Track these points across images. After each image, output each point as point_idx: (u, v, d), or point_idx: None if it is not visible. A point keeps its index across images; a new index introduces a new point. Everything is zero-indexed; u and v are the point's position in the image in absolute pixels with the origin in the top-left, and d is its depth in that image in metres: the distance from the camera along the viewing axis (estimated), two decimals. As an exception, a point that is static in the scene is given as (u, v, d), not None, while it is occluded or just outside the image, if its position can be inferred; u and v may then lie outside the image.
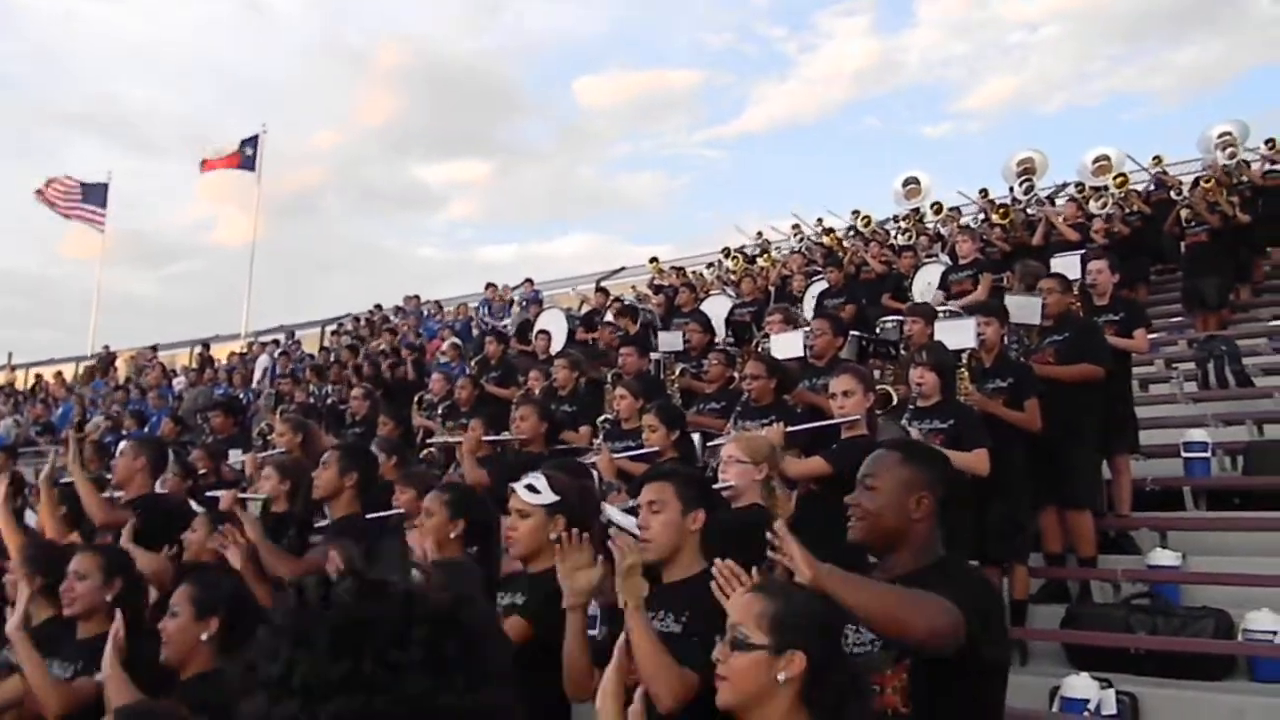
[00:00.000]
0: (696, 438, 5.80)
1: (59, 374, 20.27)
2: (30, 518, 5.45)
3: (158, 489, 5.36)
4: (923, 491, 2.41)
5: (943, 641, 2.15)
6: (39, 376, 21.19)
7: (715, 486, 3.42)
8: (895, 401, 5.75)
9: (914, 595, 2.19)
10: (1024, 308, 6.34)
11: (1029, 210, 12.43)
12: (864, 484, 2.49)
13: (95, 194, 24.40)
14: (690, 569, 2.75)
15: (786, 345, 6.80)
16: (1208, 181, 10.69)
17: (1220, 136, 11.87)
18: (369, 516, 4.32)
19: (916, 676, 2.23)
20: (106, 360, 19.79)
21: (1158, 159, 12.78)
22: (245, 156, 22.90)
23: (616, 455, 5.57)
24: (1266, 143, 11.91)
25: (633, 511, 3.28)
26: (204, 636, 2.98)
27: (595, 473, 5.12)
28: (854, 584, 2.15)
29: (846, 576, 2.15)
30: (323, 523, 4.56)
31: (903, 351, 7.10)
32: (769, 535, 2.31)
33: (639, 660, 2.51)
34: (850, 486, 2.55)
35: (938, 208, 14.04)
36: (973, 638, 2.15)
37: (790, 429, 4.98)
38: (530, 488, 3.18)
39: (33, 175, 23.68)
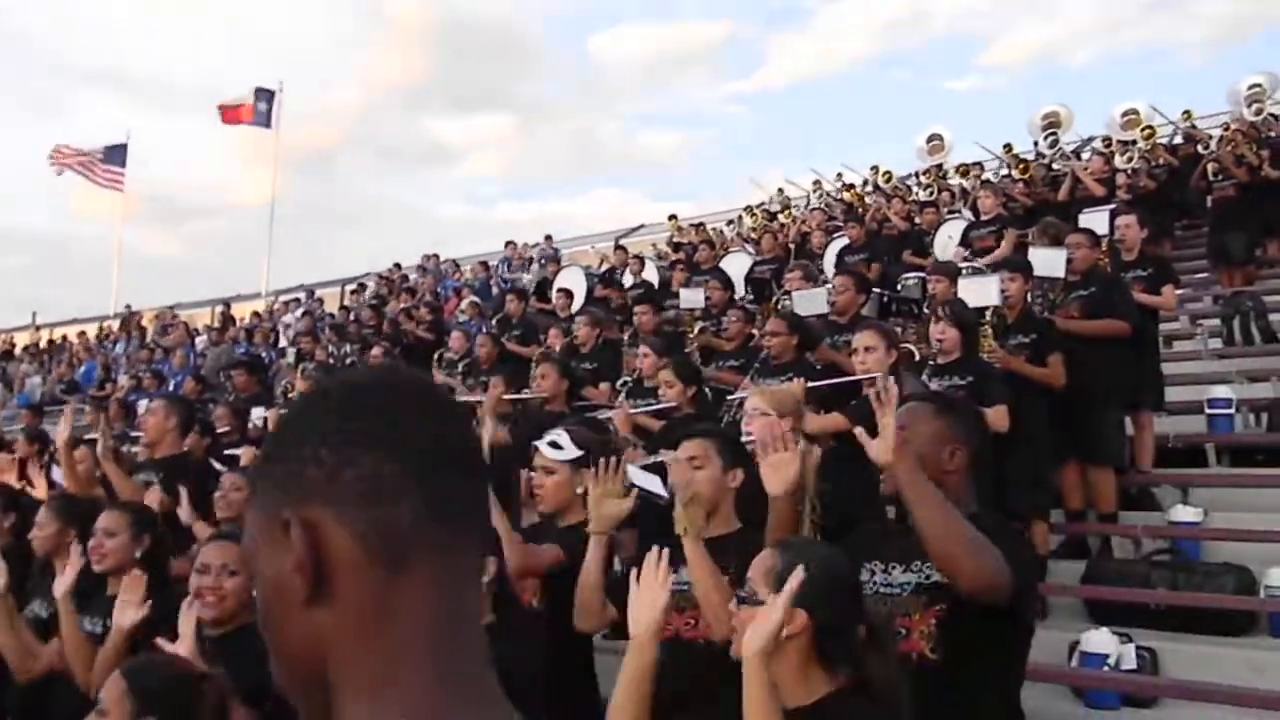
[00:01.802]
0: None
1: (83, 333, 20.46)
2: (56, 474, 5.52)
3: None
4: (956, 444, 2.40)
5: (987, 593, 2.14)
6: (64, 336, 21.41)
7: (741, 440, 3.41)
8: (918, 359, 5.73)
9: (977, 537, 2.17)
10: (1048, 260, 6.28)
11: (1054, 165, 12.27)
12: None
13: (115, 155, 24.44)
14: (728, 526, 2.79)
15: (809, 302, 6.76)
16: (1228, 131, 10.52)
17: (1250, 89, 11.65)
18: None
19: (946, 625, 2.23)
20: (130, 320, 19.94)
21: (1187, 114, 12.56)
22: (260, 112, 22.80)
23: (634, 410, 5.59)
24: (1299, 95, 11.68)
25: (653, 469, 3.30)
26: (255, 593, 2.99)
27: (612, 428, 5.14)
28: (927, 494, 2.16)
29: (925, 483, 2.17)
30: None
31: (925, 310, 7.05)
32: (877, 388, 2.35)
33: (696, 588, 2.55)
34: None
35: (964, 170, 13.83)
36: (1014, 597, 2.15)
37: (811, 384, 4.98)
38: (554, 444, 3.20)
39: (49, 132, 23.82)
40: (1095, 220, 7.13)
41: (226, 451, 5.58)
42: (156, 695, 2.20)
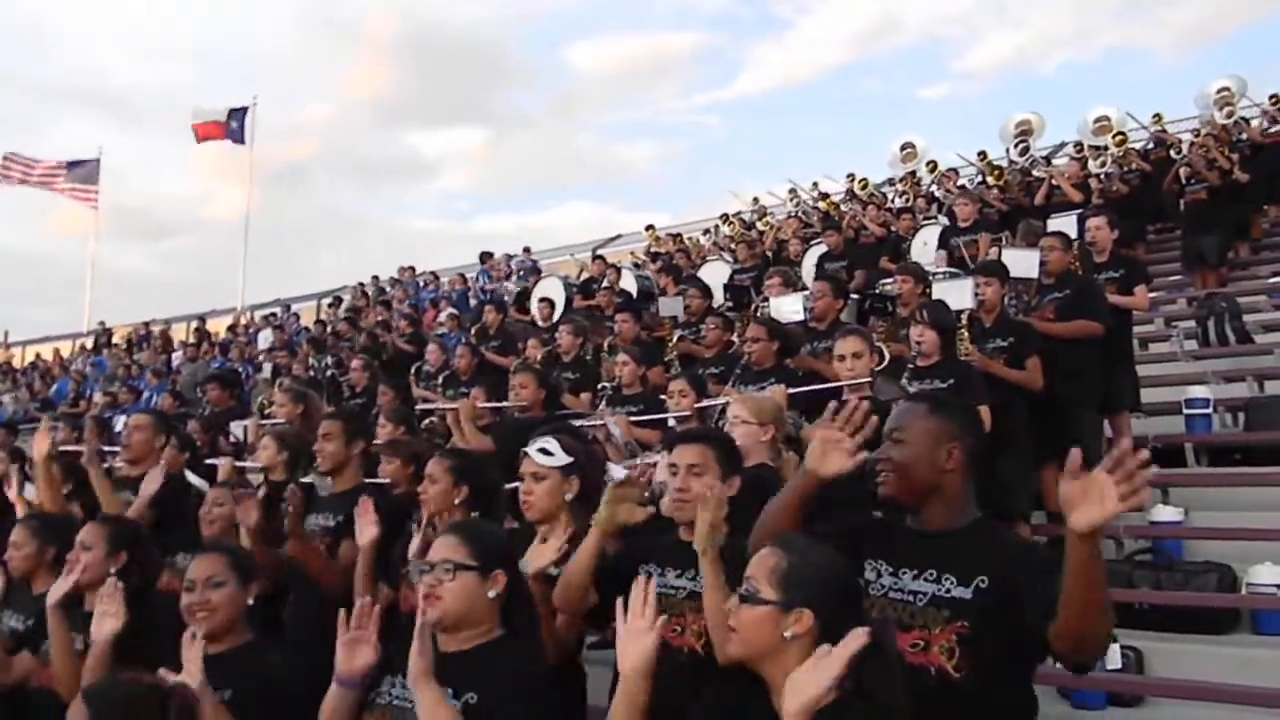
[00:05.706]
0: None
1: (56, 351, 20.24)
2: (30, 491, 5.41)
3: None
4: (952, 442, 2.33)
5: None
6: (38, 355, 21.16)
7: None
8: (886, 359, 5.67)
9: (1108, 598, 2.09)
10: (1022, 261, 6.31)
11: (1034, 171, 12.37)
12: (892, 437, 2.40)
13: (85, 171, 24.22)
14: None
15: (786, 307, 6.76)
16: (1198, 135, 10.62)
17: (1219, 92, 11.78)
18: (367, 481, 4.28)
19: (971, 643, 2.16)
20: (104, 336, 19.74)
21: (1157, 117, 12.70)
22: (232, 129, 22.65)
23: (633, 419, 5.57)
24: (1270, 98, 11.78)
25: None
26: (249, 602, 2.96)
27: (616, 433, 5.11)
28: (1098, 571, 2.10)
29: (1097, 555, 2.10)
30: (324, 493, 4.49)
31: (895, 309, 7.05)
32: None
33: (710, 608, 2.49)
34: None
35: (932, 166, 13.99)
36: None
37: (791, 391, 4.96)
38: (544, 451, 3.16)
39: (19, 148, 23.43)
40: (1064, 224, 7.18)
41: (207, 461, 5.49)
42: (118, 716, 2.18)
